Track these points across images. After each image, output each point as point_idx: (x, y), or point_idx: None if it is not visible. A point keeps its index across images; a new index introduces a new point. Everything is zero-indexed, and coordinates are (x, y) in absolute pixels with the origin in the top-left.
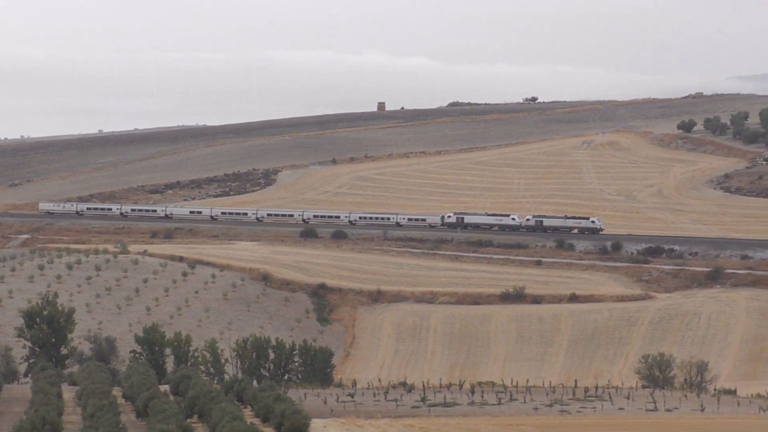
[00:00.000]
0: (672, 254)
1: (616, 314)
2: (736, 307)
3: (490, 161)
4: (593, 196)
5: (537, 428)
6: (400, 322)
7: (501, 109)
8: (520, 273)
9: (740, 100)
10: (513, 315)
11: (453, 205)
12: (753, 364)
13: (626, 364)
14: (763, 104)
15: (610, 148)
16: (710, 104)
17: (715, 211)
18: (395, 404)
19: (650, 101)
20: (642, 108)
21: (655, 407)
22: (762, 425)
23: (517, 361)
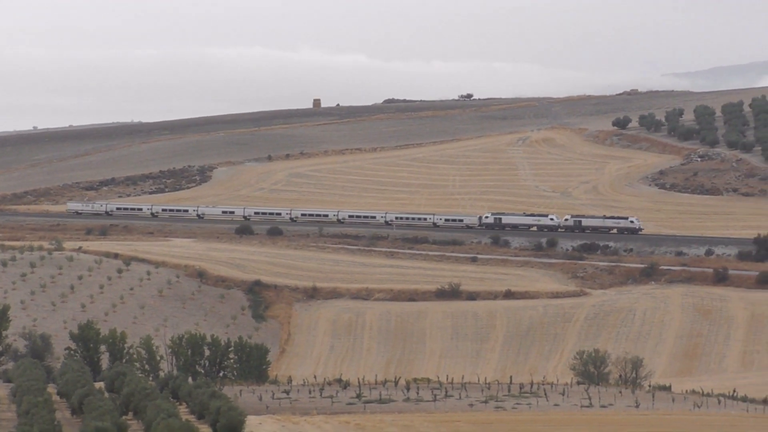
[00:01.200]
0: (607, 250)
1: (551, 311)
2: (671, 303)
3: (426, 158)
4: (529, 192)
5: (472, 424)
6: (336, 318)
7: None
8: (456, 270)
9: (675, 97)
10: (448, 311)
11: (388, 202)
12: (687, 361)
13: (561, 361)
14: (697, 101)
15: (545, 145)
16: (645, 101)
17: (650, 208)
18: (331, 401)
19: (585, 98)
20: (577, 105)
21: (590, 403)
22: (697, 421)
23: (453, 358)
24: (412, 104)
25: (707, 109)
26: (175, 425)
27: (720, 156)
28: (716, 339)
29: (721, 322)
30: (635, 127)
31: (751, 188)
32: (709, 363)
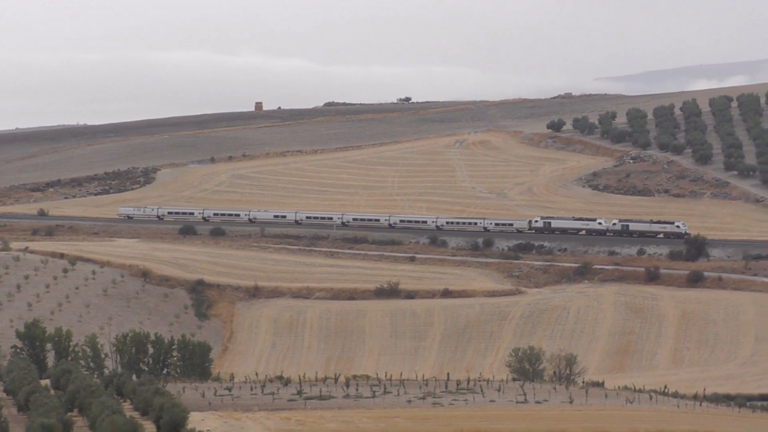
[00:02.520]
0: (542, 250)
1: (487, 309)
2: (604, 301)
3: (365, 160)
4: (465, 193)
5: (410, 420)
6: (277, 317)
7: (375, 109)
8: (395, 269)
9: (608, 101)
10: (387, 310)
11: (328, 203)
12: (620, 357)
13: (497, 358)
14: (630, 104)
15: (481, 147)
16: (579, 104)
17: (584, 209)
18: (272, 398)
19: (521, 101)
20: (513, 108)
21: (525, 399)
22: (629, 417)
23: (391, 355)
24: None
25: (639, 112)
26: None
27: (652, 158)
28: (648, 336)
29: (652, 320)
30: (569, 129)
31: (681, 189)
32: (640, 360)
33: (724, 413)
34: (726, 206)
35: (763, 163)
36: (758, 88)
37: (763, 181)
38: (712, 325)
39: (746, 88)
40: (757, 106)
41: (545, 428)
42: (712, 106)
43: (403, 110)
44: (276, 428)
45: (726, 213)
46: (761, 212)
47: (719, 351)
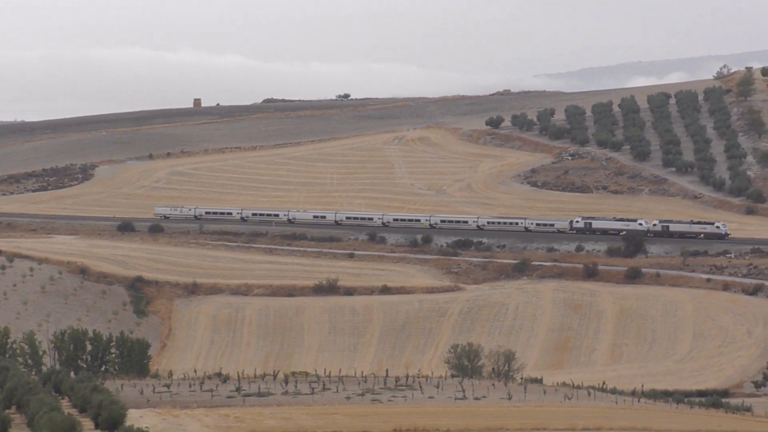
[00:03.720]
0: (480, 247)
1: (426, 305)
2: (542, 298)
3: (304, 156)
4: (404, 190)
5: (349, 417)
6: (216, 313)
7: (314, 105)
8: (333, 265)
9: (547, 97)
10: (326, 306)
11: (267, 200)
12: (558, 354)
13: (436, 354)
14: (568, 101)
15: (420, 144)
16: (518, 101)
17: (522, 205)
18: (211, 394)
19: (459, 98)
20: (451, 105)
21: (463, 396)
22: (567, 413)
23: (330, 352)
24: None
25: (578, 109)
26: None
27: (590, 155)
28: (586, 333)
29: (591, 316)
30: (508, 126)
31: (620, 186)
32: (579, 356)
33: (662, 409)
34: (664, 202)
35: (701, 160)
36: (696, 84)
37: (701, 178)
38: (650, 321)
39: (684, 84)
40: (695, 103)
41: (483, 425)
42: (651, 103)
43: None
44: (215, 425)
45: (664, 209)
46: (699, 208)
47: (657, 347)
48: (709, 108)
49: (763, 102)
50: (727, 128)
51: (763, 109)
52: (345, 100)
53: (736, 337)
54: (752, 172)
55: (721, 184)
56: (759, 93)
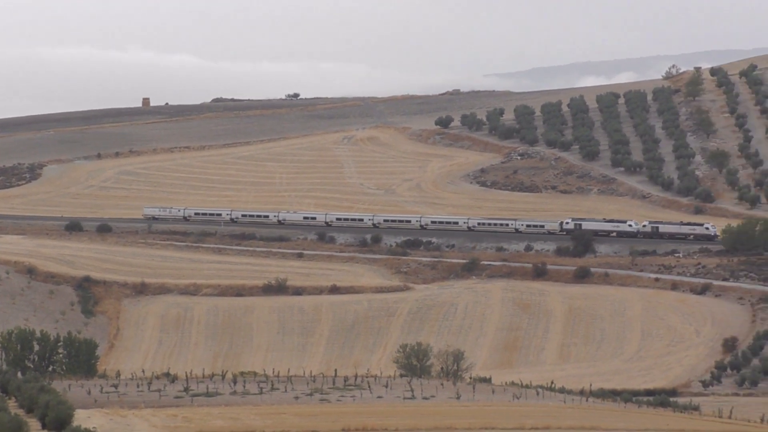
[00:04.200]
0: (430, 246)
1: (375, 305)
2: (492, 297)
3: (253, 156)
4: (353, 190)
5: (298, 417)
6: (164, 313)
7: (264, 105)
8: (283, 265)
9: (496, 97)
10: (275, 306)
11: (216, 199)
12: (507, 353)
13: (385, 354)
14: (518, 101)
15: (370, 143)
16: (467, 101)
17: (471, 205)
18: (159, 394)
19: (409, 98)
20: (401, 104)
21: (412, 395)
22: (515, 412)
23: (279, 351)
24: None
25: (527, 108)
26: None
27: (539, 154)
28: (535, 332)
29: (539, 316)
30: (457, 126)
31: (568, 186)
32: (528, 355)
33: (610, 408)
34: (613, 202)
35: (650, 160)
36: (645, 84)
37: (649, 178)
38: (598, 320)
39: (634, 84)
40: (644, 103)
41: (432, 424)
42: (600, 103)
43: (292, 106)
44: (162, 425)
45: (613, 209)
46: (647, 208)
47: (606, 346)
48: (658, 108)
49: (711, 102)
50: (676, 128)
51: (711, 109)
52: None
53: (684, 336)
54: (700, 172)
55: (669, 183)
56: (707, 93)
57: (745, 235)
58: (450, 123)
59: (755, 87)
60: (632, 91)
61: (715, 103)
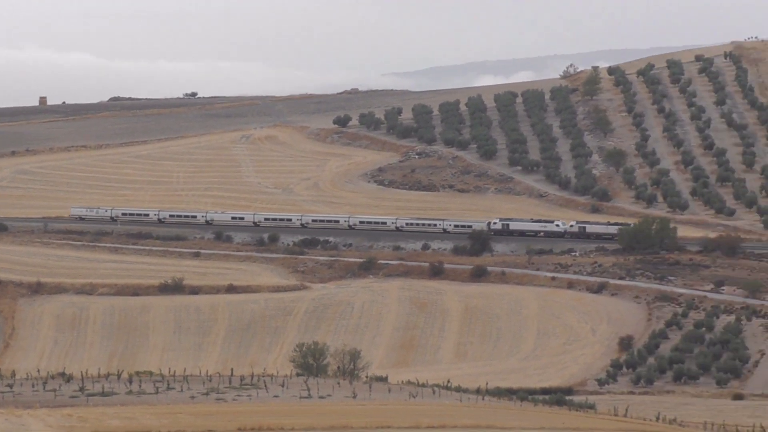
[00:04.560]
0: (327, 245)
1: (272, 304)
2: (388, 296)
3: (151, 155)
4: (251, 189)
5: (194, 416)
6: (60, 313)
7: (161, 104)
8: (179, 264)
9: (394, 96)
10: (171, 306)
11: (113, 198)
12: (404, 352)
13: (281, 353)
14: (416, 100)
15: (268, 143)
16: (365, 100)
17: (369, 204)
18: (54, 394)
19: (307, 97)
20: (299, 103)
21: (309, 394)
22: (412, 411)
23: (175, 351)
24: (137, 102)
25: (425, 107)
26: None
27: (437, 153)
28: (432, 331)
29: (436, 315)
30: (355, 125)
31: (466, 185)
32: (424, 354)
33: (507, 407)
34: (510, 201)
35: (547, 159)
36: (543, 84)
37: (546, 177)
38: (495, 319)
39: (531, 84)
40: (541, 102)
41: (328, 423)
42: (497, 102)
43: (189, 105)
44: (58, 425)
45: (510, 208)
46: (545, 207)
47: (502, 345)
48: (555, 107)
49: (608, 101)
50: (573, 127)
51: (608, 108)
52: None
53: (580, 335)
54: (597, 171)
55: (566, 182)
56: (605, 92)
57: (641, 234)
58: (348, 122)
59: (652, 86)
60: (530, 90)
61: (613, 102)
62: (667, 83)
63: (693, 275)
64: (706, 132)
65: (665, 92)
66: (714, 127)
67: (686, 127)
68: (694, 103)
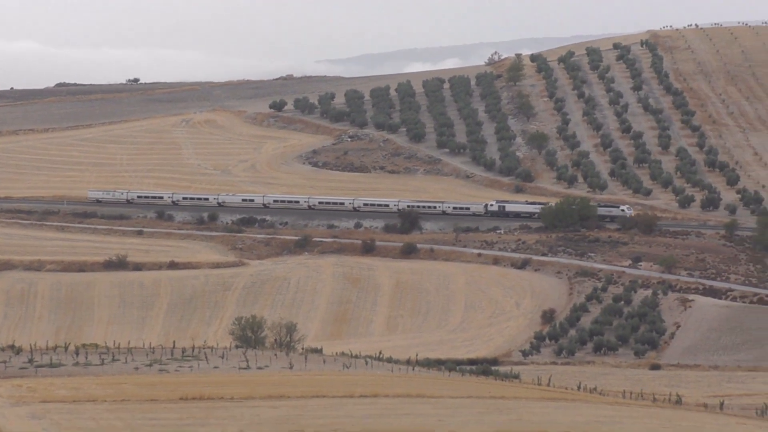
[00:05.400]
0: (264, 224)
1: (212, 280)
2: (323, 272)
3: (95, 138)
4: (191, 170)
5: (137, 386)
6: (9, 289)
7: (105, 89)
8: (123, 242)
9: (328, 82)
10: (116, 281)
11: (60, 180)
12: (337, 325)
13: (221, 326)
14: (348, 86)
15: (207, 126)
16: (300, 86)
17: (304, 184)
18: (4, 366)
19: (244, 82)
20: (237, 89)
21: (247, 365)
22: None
23: (120, 324)
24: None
25: (357, 93)
26: None
27: (368, 136)
28: (364, 305)
29: (368, 290)
30: (291, 109)
31: (396, 166)
32: (357, 327)
33: (436, 377)
34: (438, 182)
35: (473, 141)
36: (469, 70)
37: (472, 158)
38: (424, 294)
39: (458, 70)
40: (467, 88)
41: (266, 393)
42: (426, 88)
43: (132, 91)
44: (8, 395)
45: (438, 188)
46: (470, 187)
47: (431, 318)
48: (480, 92)
49: (531, 87)
50: (498, 111)
51: (531, 94)
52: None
53: (505, 308)
54: (521, 153)
55: (491, 164)
56: (528, 78)
57: (562, 213)
58: (284, 107)
59: (572, 73)
60: (456, 76)
61: (535, 87)
62: (586, 70)
63: (612, 252)
64: (623, 116)
65: (585, 78)
66: (631, 111)
67: (605, 111)
68: (612, 88)
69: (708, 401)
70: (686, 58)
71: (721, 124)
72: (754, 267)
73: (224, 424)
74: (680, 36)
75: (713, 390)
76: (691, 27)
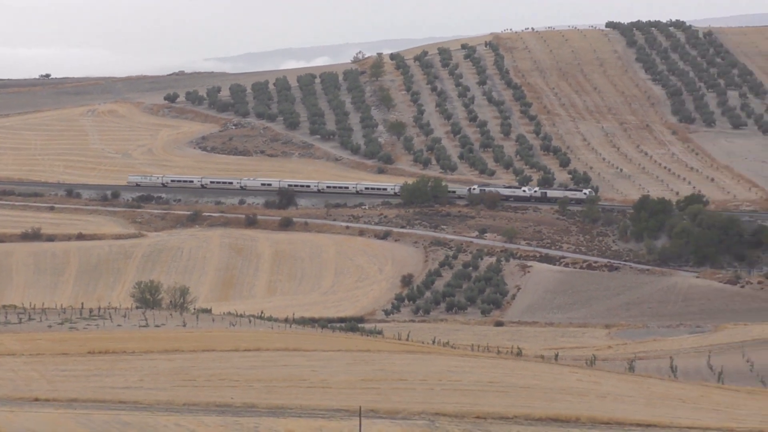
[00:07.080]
0: (160, 201)
1: (115, 249)
2: (211, 243)
3: (12, 126)
4: (97, 154)
5: (51, 342)
6: None
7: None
8: (37, 217)
9: (215, 77)
10: (31, 251)
11: None
12: (224, 289)
13: (123, 290)
14: (233, 80)
15: (110, 116)
16: (191, 80)
17: (195, 166)
18: None
19: (142, 77)
20: (136, 83)
21: (146, 324)
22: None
23: (35, 289)
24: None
25: (240, 87)
26: None
27: (250, 125)
28: (247, 271)
29: (251, 258)
30: (183, 101)
31: (275, 150)
32: (242, 290)
33: (310, 333)
34: (311, 164)
35: (341, 129)
36: (338, 67)
37: (341, 144)
38: (300, 261)
39: (329, 67)
40: (336, 82)
41: (163, 347)
42: (300, 82)
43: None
44: None
45: (311, 170)
46: (339, 168)
47: (306, 283)
48: (348, 86)
49: (391, 81)
50: (362, 103)
51: (391, 88)
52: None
53: (369, 274)
54: (382, 139)
55: (357, 148)
56: (388, 74)
57: (419, 191)
58: (176, 99)
59: (426, 69)
60: (327, 72)
61: (394, 82)
62: (438, 67)
63: (461, 224)
64: (470, 107)
65: (437, 74)
66: (477, 103)
67: (455, 103)
68: (460, 83)
69: (545, 353)
70: (524, 57)
71: (555, 114)
72: (583, 237)
73: (126, 375)
74: (519, 38)
75: (549, 344)
76: (528, 30)
